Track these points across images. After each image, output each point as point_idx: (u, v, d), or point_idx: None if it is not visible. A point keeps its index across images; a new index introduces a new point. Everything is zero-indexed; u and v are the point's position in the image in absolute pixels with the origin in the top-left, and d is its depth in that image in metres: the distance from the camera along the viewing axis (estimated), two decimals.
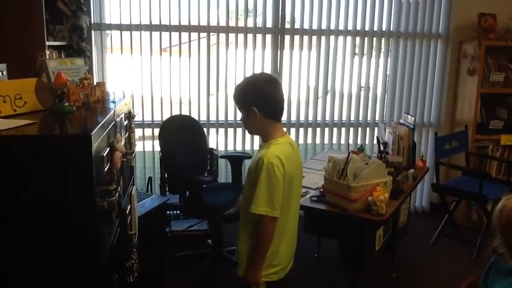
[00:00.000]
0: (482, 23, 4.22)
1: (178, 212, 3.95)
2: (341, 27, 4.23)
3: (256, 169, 1.93)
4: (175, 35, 4.00)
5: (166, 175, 3.43)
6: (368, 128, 4.47)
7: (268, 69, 4.19)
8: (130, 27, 3.92)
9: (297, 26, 4.21)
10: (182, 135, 3.55)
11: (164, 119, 3.72)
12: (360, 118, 4.44)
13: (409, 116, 3.67)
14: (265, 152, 1.94)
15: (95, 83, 2.06)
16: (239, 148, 4.30)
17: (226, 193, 3.47)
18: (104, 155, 1.49)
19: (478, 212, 4.29)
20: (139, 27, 3.93)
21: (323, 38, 4.24)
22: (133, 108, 2.33)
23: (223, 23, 4.07)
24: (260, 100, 1.98)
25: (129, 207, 1.92)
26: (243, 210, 2.05)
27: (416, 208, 4.66)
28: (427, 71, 4.46)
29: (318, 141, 4.43)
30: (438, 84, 4.49)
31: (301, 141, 4.34)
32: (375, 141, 3.92)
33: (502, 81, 4.21)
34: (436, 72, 4.48)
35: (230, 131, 4.25)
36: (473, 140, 4.22)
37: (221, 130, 4.24)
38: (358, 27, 4.27)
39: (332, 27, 4.22)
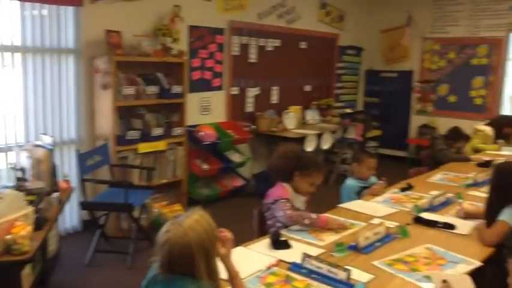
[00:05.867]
0: (110, 40, 4.38)
1: None
2: None
3: None
4: None
5: None
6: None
7: None
8: None
9: None
10: None
11: None
12: None
13: (46, 136, 3.45)
14: None
15: None
16: None
17: None
18: None
19: (127, 220, 4.46)
20: None
21: None
22: None
23: None
24: None
25: None
26: None
27: (67, 230, 4.47)
28: (61, 87, 4.31)
29: None
30: (75, 100, 4.41)
31: None
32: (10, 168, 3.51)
33: (133, 94, 4.49)
34: (71, 88, 4.38)
35: None
36: (114, 151, 4.35)
37: None
38: None
39: None
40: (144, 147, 4.55)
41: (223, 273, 1.78)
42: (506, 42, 7.01)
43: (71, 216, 4.51)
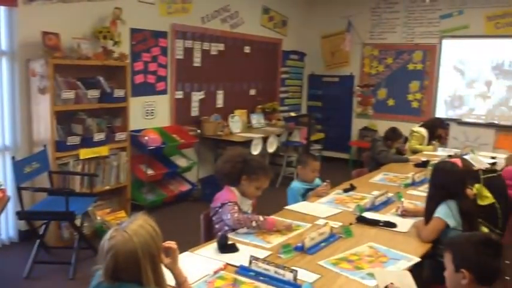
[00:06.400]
0: (47, 42, 4.21)
1: None
2: None
3: None
4: None
5: None
6: None
7: None
8: None
9: None
10: None
11: None
12: None
13: None
14: None
15: None
16: None
17: None
18: None
19: (69, 229, 4.30)
20: None
21: None
22: None
23: None
24: None
25: None
26: None
27: (3, 242, 4.23)
28: None
29: None
30: (10, 104, 4.20)
31: None
32: None
33: (73, 98, 4.33)
34: (6, 91, 4.17)
35: None
36: (54, 158, 4.18)
37: None
38: None
39: None
40: (85, 153, 4.40)
41: (171, 280, 1.75)
42: (439, 49, 7.40)
43: (7, 227, 4.28)
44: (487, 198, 3.48)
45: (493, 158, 5.01)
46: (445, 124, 6.71)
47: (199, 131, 6.04)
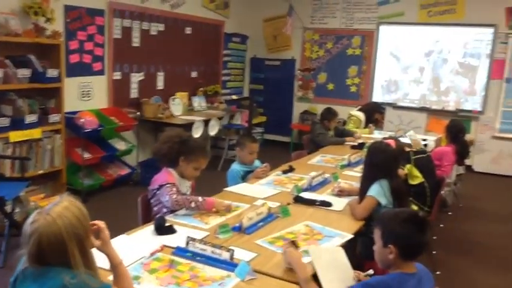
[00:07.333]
0: None
1: None
2: None
3: None
4: None
5: None
6: None
7: None
8: None
9: None
10: None
11: None
12: None
13: None
14: None
15: None
16: None
17: None
18: None
19: None
20: None
21: None
22: None
23: None
24: None
25: None
26: None
27: None
28: None
29: None
30: None
31: None
32: None
33: (2, 78, 4.09)
34: None
35: None
36: None
37: None
38: None
39: None
40: (16, 136, 4.19)
41: (106, 262, 1.72)
42: (376, 35, 7.62)
43: None
44: (417, 177, 3.67)
45: (424, 140, 5.27)
46: (382, 108, 6.96)
47: (138, 113, 5.90)
